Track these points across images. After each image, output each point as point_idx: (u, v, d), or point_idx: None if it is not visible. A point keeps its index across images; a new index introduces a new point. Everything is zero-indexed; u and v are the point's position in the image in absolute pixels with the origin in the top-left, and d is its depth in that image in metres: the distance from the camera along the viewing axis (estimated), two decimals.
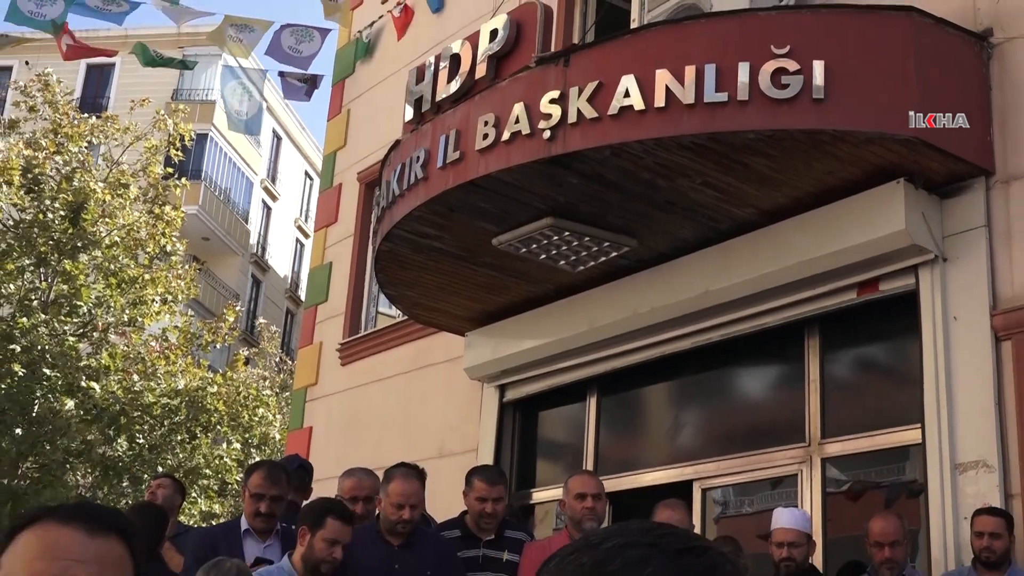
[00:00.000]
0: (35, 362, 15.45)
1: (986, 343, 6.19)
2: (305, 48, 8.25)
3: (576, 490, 5.75)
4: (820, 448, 7.07)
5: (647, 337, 7.86)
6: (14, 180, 16.43)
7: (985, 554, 5.51)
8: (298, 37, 8.18)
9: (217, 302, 27.02)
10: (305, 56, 8.32)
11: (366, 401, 10.51)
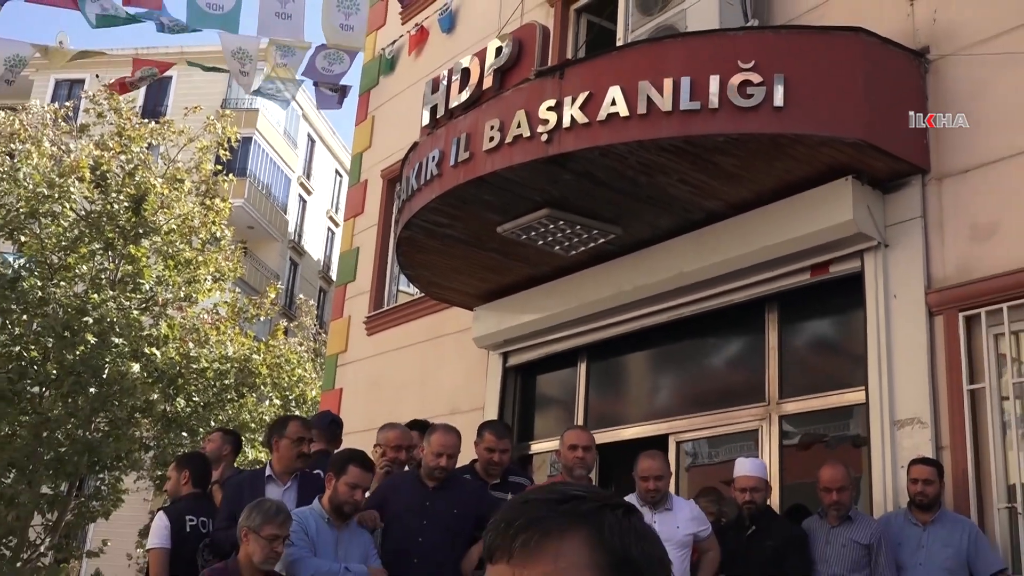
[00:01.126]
0: (105, 332, 15.44)
1: (921, 318, 6.19)
2: (336, 68, 8.22)
3: (569, 442, 5.78)
4: (778, 407, 7.08)
5: (630, 311, 7.86)
6: (85, 176, 16.42)
7: (919, 498, 5.52)
8: (330, 60, 8.14)
9: (260, 281, 27.06)
10: (336, 74, 8.28)
11: (388, 366, 10.52)
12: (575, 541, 1.10)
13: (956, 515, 5.60)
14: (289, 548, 4.80)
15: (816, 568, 5.50)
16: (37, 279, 15.54)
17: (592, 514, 1.12)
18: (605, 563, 1.09)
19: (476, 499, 5.53)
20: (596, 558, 1.09)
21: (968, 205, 6.15)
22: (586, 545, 1.10)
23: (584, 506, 1.12)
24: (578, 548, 1.09)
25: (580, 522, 1.11)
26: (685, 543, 5.62)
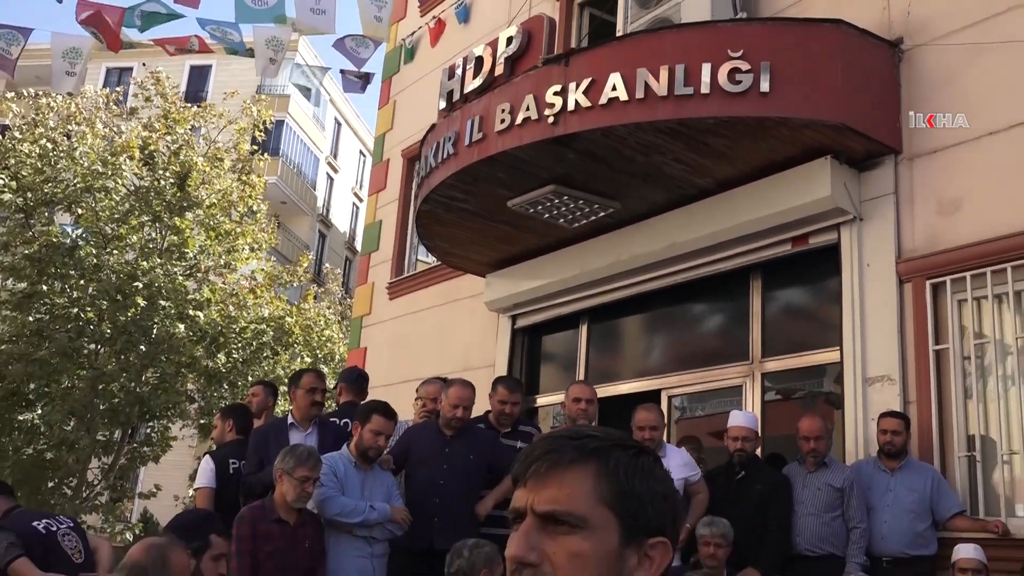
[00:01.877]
0: (153, 296, 15.48)
1: (892, 285, 6.15)
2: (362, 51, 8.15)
3: (573, 395, 5.79)
4: (761, 365, 7.06)
5: (627, 278, 7.84)
6: (135, 155, 16.38)
7: (887, 447, 5.52)
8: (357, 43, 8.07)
9: (292, 251, 27.06)
10: (361, 57, 8.22)
11: (408, 327, 10.52)
12: (581, 472, 1.13)
13: (920, 463, 5.60)
14: (320, 488, 4.83)
15: (796, 510, 5.52)
16: (92, 248, 15.56)
17: (601, 451, 1.15)
18: (608, 493, 1.13)
19: (489, 447, 5.55)
20: (600, 488, 1.13)
21: (936, 183, 6.10)
22: (592, 476, 1.13)
23: (594, 443, 1.16)
24: (584, 477, 1.13)
25: (588, 456, 1.15)
26: (677, 486, 5.64)
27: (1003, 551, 5.09)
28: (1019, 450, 5.52)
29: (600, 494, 1.13)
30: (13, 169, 15.48)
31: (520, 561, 1.11)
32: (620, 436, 1.22)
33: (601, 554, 1.11)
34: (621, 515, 1.13)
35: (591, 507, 1.12)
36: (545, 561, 1.10)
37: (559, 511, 1.11)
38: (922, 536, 5.31)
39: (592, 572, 1.11)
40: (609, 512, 1.13)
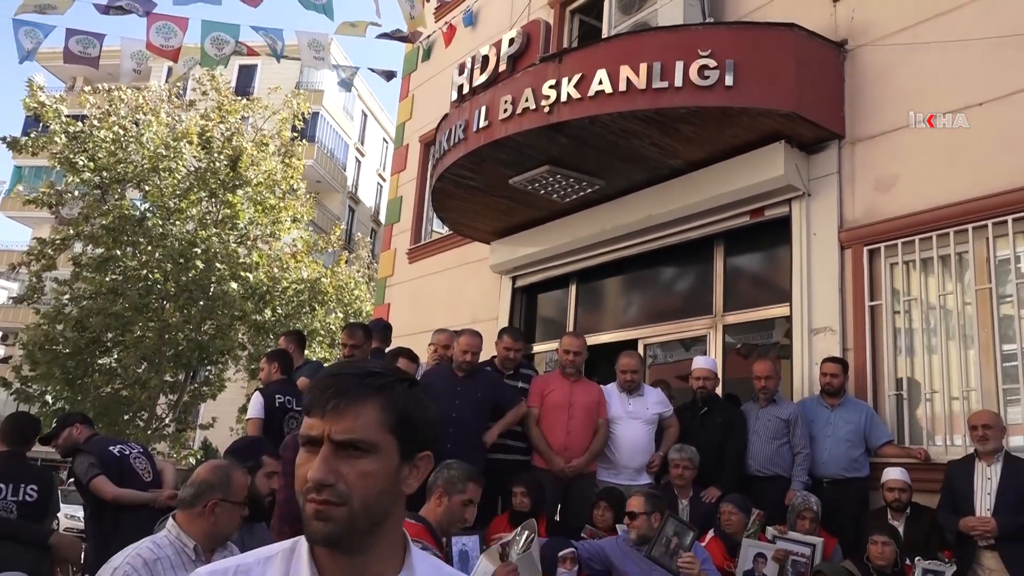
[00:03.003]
0: (210, 260, 15.41)
1: (834, 251, 6.10)
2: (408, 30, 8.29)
3: (564, 347, 5.75)
4: (722, 318, 7.03)
5: (610, 245, 7.78)
6: (193, 140, 16.21)
7: (828, 387, 5.51)
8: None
9: (327, 223, 26.95)
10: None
11: (425, 287, 10.47)
12: (370, 405, 1.15)
13: (856, 400, 5.58)
14: None
15: (750, 438, 5.51)
16: (158, 219, 15.47)
17: (385, 387, 1.17)
18: (391, 421, 1.15)
19: (495, 387, 5.52)
20: (384, 418, 1.15)
21: (873, 164, 6.02)
22: (378, 409, 1.15)
23: (380, 380, 1.17)
24: (372, 410, 1.15)
25: (376, 391, 1.16)
26: (652, 420, 5.64)
27: (924, 473, 5.09)
28: (939, 389, 5.51)
29: (385, 423, 1.15)
30: (91, 152, 15.32)
31: (322, 482, 1.11)
32: (397, 371, 1.24)
33: (386, 471, 1.15)
34: (400, 438, 1.16)
35: (379, 434, 1.14)
36: (340, 481, 1.11)
37: (354, 439, 1.13)
38: (856, 461, 5.31)
39: (379, 486, 1.14)
40: (392, 436, 1.16)
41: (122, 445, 4.72)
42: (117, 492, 4.34)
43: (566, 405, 5.50)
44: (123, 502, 4.32)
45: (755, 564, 4.60)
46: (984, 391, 5.24)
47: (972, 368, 5.33)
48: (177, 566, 2.58)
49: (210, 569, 1.19)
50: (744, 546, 4.66)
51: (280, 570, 1.18)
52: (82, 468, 4.41)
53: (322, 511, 1.11)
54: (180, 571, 2.57)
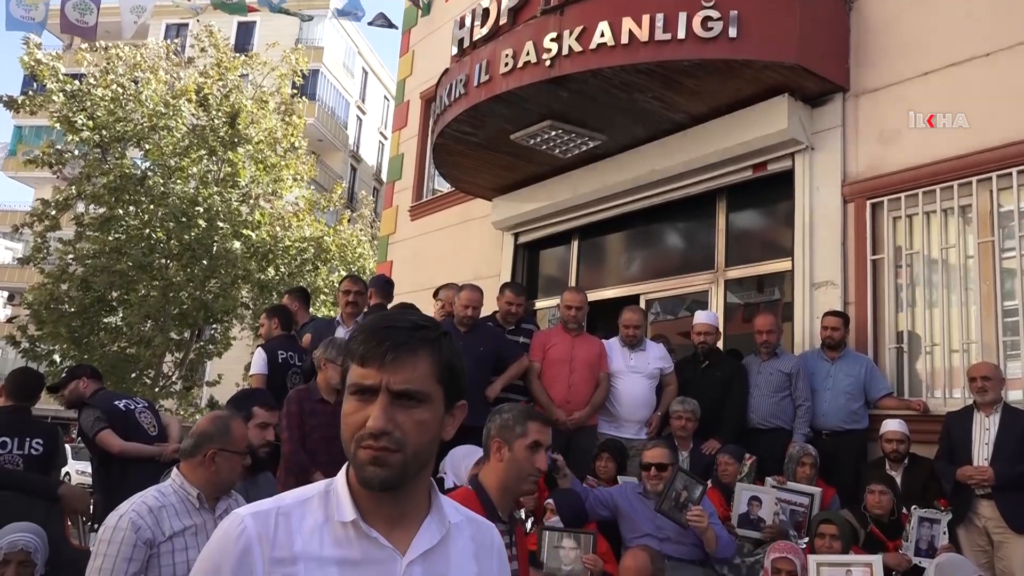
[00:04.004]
0: (213, 218, 15.37)
1: (837, 205, 6.06)
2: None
3: (565, 301, 5.75)
4: (724, 273, 7.02)
5: (612, 201, 7.73)
6: (192, 98, 16.03)
7: (829, 340, 5.52)
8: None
9: (329, 182, 26.80)
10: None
11: (427, 244, 10.44)
12: (424, 357, 1.21)
13: (856, 353, 5.60)
14: None
15: (751, 392, 5.54)
16: (159, 178, 15.39)
17: (435, 339, 1.24)
18: (439, 371, 1.22)
19: (496, 341, 5.54)
20: (435, 368, 1.22)
21: (877, 117, 5.95)
22: (431, 360, 1.22)
23: (431, 333, 1.24)
24: (426, 362, 1.21)
25: (428, 343, 1.23)
26: (654, 375, 5.66)
27: (922, 425, 5.13)
28: (940, 343, 5.52)
29: (436, 374, 1.22)
30: (90, 111, 15.18)
31: (383, 431, 1.17)
32: (439, 324, 1.31)
33: (435, 419, 1.23)
34: (446, 388, 1.24)
35: (431, 384, 1.22)
36: (396, 429, 1.18)
37: (411, 390, 1.19)
38: (855, 413, 5.34)
39: (428, 433, 1.22)
40: (440, 387, 1.23)
41: (127, 400, 4.75)
42: (123, 445, 4.39)
43: (567, 359, 5.53)
44: (129, 455, 4.37)
45: (749, 507, 4.66)
46: (984, 344, 5.24)
47: (973, 321, 5.33)
48: (181, 513, 2.62)
49: (252, 510, 1.22)
50: (738, 490, 4.72)
51: (320, 511, 1.22)
52: (88, 422, 4.45)
53: (379, 457, 1.17)
54: (184, 518, 2.61)
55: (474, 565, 1.31)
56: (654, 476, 4.33)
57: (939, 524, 4.38)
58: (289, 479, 4.44)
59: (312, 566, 1.17)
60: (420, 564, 1.22)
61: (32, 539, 3.24)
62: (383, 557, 1.20)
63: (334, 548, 1.19)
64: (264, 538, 1.17)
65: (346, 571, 1.18)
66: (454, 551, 1.29)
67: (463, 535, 1.32)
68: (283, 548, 1.18)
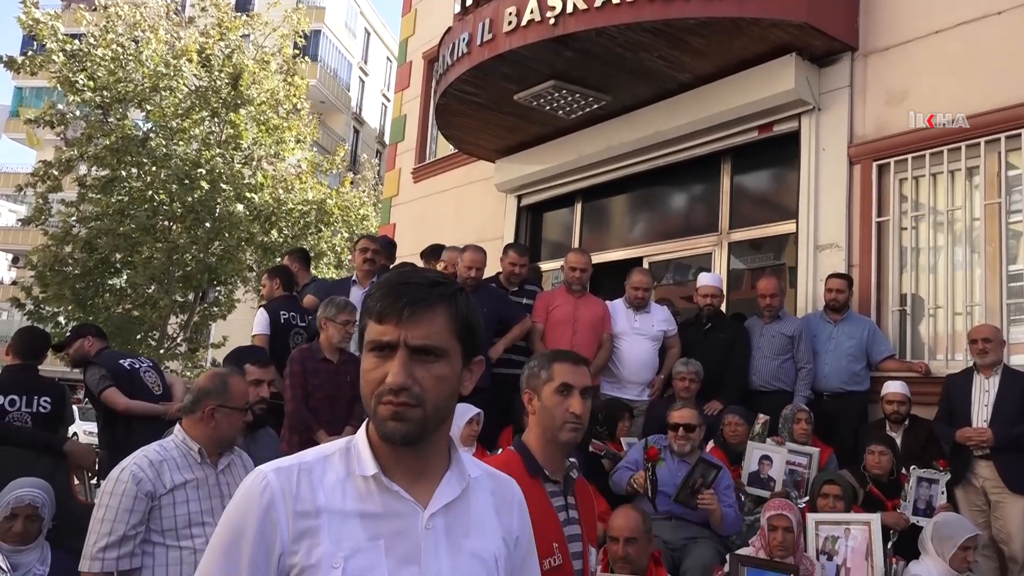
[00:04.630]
0: (215, 181, 15.29)
1: (843, 166, 6.01)
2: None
3: (570, 263, 5.72)
4: (728, 236, 6.99)
5: (616, 163, 7.67)
6: (193, 59, 15.84)
7: (832, 303, 5.51)
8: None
9: (331, 144, 26.63)
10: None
11: (430, 206, 10.40)
12: (441, 313, 1.23)
13: (859, 316, 5.59)
14: None
15: (753, 354, 5.54)
16: (161, 139, 15.30)
17: (452, 295, 1.25)
18: (456, 326, 1.24)
19: (500, 302, 5.53)
20: (452, 323, 1.24)
21: (886, 76, 5.86)
22: (448, 315, 1.23)
23: (448, 289, 1.26)
24: (443, 317, 1.23)
25: (446, 299, 1.24)
26: (658, 337, 5.67)
27: (924, 387, 5.14)
28: (943, 305, 5.51)
29: (453, 329, 1.23)
30: (90, 71, 15.04)
31: (402, 386, 1.18)
32: (454, 280, 1.33)
33: (453, 374, 1.24)
34: (464, 343, 1.26)
35: (448, 340, 1.23)
36: (415, 384, 1.19)
37: (429, 345, 1.20)
38: (857, 375, 5.35)
39: (447, 388, 1.23)
40: (457, 342, 1.24)
41: (132, 359, 4.77)
42: (128, 404, 4.42)
43: (571, 320, 5.52)
44: (134, 413, 4.40)
45: (760, 466, 4.70)
46: (988, 307, 5.23)
47: (977, 283, 5.31)
48: (183, 467, 2.65)
49: (275, 466, 1.23)
50: (749, 448, 4.77)
51: (341, 466, 1.24)
52: (93, 380, 4.48)
53: (400, 412, 1.19)
54: (186, 472, 2.64)
55: (495, 519, 1.32)
56: (681, 437, 4.36)
57: (937, 484, 4.41)
58: (293, 437, 4.49)
59: (335, 519, 1.19)
60: (441, 517, 1.24)
61: (39, 494, 3.28)
62: (405, 510, 1.22)
63: (356, 502, 1.21)
64: (287, 493, 1.19)
65: (368, 524, 1.20)
66: (475, 505, 1.30)
67: (483, 489, 1.33)
68: (306, 502, 1.19)
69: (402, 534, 1.21)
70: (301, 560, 1.17)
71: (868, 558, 3.82)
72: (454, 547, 1.24)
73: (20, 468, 3.65)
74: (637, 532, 3.34)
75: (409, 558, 1.20)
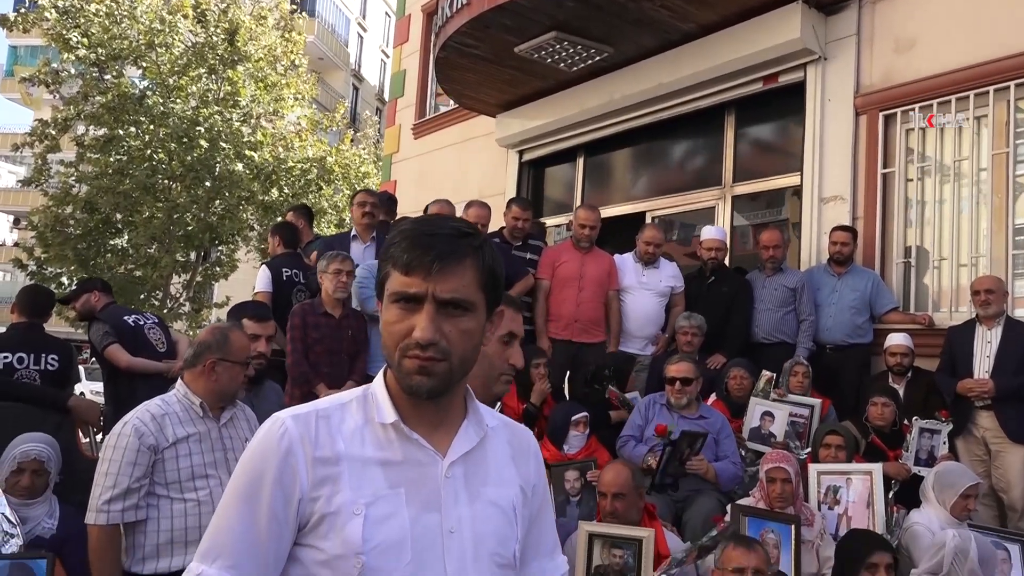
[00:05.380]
0: (214, 139, 15.15)
1: (849, 117, 5.93)
2: None
3: (580, 220, 5.65)
4: (731, 189, 6.92)
5: (618, 116, 7.57)
6: (188, 14, 15.61)
7: (836, 255, 5.48)
8: None
9: (330, 102, 26.38)
10: None
11: (431, 162, 10.31)
12: (470, 266, 1.20)
13: (863, 268, 5.56)
14: (362, 289, 4.84)
15: (755, 307, 5.53)
16: (158, 97, 15.13)
17: (479, 246, 1.23)
18: (483, 280, 1.22)
19: (503, 257, 5.49)
20: (480, 276, 1.21)
21: (894, 24, 5.75)
22: (475, 268, 1.21)
23: (475, 241, 1.22)
24: (471, 270, 1.20)
25: (474, 252, 1.21)
26: (665, 292, 5.66)
27: (927, 339, 5.13)
28: (948, 257, 5.47)
29: (480, 281, 1.21)
30: (84, 28, 14.82)
31: (431, 341, 1.16)
32: (481, 231, 1.32)
33: (479, 327, 1.22)
34: (488, 295, 1.23)
35: (476, 293, 1.21)
36: (443, 339, 1.17)
37: (458, 298, 1.18)
38: (860, 328, 5.34)
39: (472, 342, 1.22)
40: (483, 294, 1.22)
41: (137, 315, 4.77)
42: (131, 360, 4.43)
43: (577, 277, 5.49)
44: (136, 370, 4.42)
45: (761, 421, 4.72)
46: (993, 258, 5.20)
47: (983, 234, 5.27)
48: (184, 421, 2.66)
49: (292, 413, 1.22)
50: (752, 404, 4.79)
51: (359, 414, 1.24)
52: (97, 336, 4.49)
53: (426, 367, 1.17)
54: (188, 426, 2.65)
55: (512, 467, 1.33)
56: (678, 390, 4.38)
57: (939, 435, 4.43)
58: (295, 391, 4.51)
59: (356, 466, 1.18)
60: (460, 465, 1.25)
61: (45, 449, 3.30)
62: (425, 459, 1.22)
63: (376, 449, 1.20)
64: (306, 439, 1.18)
65: (389, 472, 1.19)
66: (492, 454, 1.31)
67: (500, 439, 1.33)
68: (325, 448, 1.18)
69: (422, 482, 1.21)
70: (321, 507, 1.16)
71: (869, 507, 3.85)
72: (473, 494, 1.25)
73: (26, 423, 3.67)
74: (625, 487, 3.37)
75: (429, 505, 1.20)
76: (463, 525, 1.22)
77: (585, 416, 4.43)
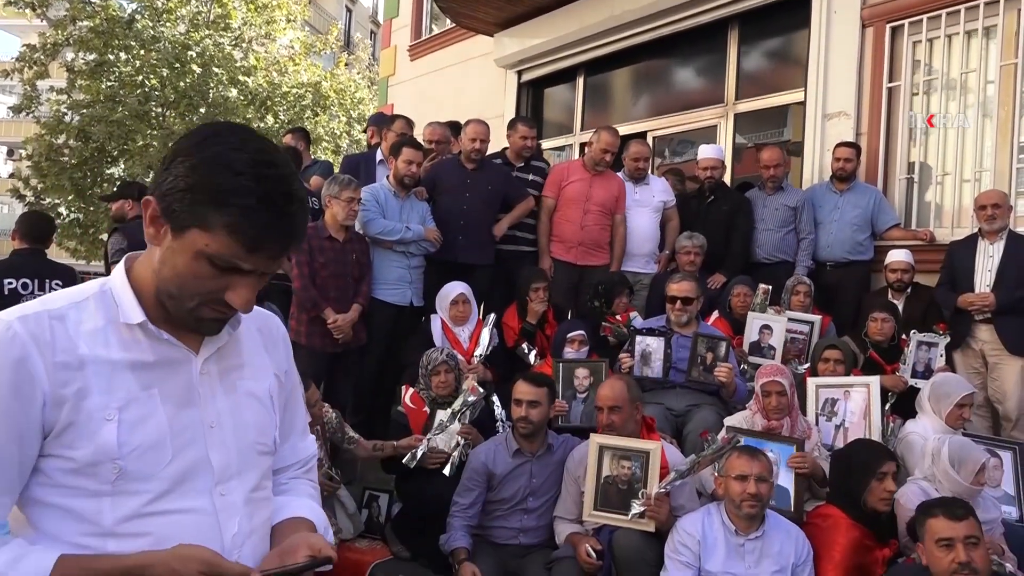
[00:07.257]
0: (207, 64, 14.83)
1: (855, 29, 5.80)
2: None
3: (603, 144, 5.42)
4: (734, 107, 6.83)
5: (618, 33, 7.41)
6: None
7: (840, 172, 5.44)
8: None
9: (323, 24, 25.75)
10: None
11: (429, 85, 10.11)
12: None
13: (865, 185, 5.53)
14: (364, 212, 4.82)
15: (756, 226, 5.52)
16: (148, 20, 14.76)
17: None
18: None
19: (504, 180, 5.45)
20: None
21: None
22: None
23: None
24: None
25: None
26: (658, 208, 5.62)
27: (928, 255, 5.14)
28: (952, 172, 5.44)
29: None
30: None
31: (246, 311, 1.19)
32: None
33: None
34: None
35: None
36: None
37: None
38: (861, 244, 5.35)
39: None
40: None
41: None
42: None
43: (583, 200, 5.39)
44: None
45: (760, 335, 4.78)
46: (997, 172, 5.17)
47: (987, 148, 5.22)
48: None
49: (19, 312, 1.11)
50: (750, 319, 4.83)
51: (99, 314, 1.15)
52: (114, 248, 4.61)
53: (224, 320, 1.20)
54: None
55: (265, 355, 1.33)
56: (679, 309, 4.41)
57: (937, 347, 4.48)
58: (301, 315, 4.54)
59: (102, 369, 1.12)
60: (215, 362, 1.23)
61: None
62: (178, 357, 1.18)
63: (122, 351, 1.14)
64: (42, 341, 1.09)
65: (141, 373, 1.14)
66: (244, 345, 1.30)
67: (250, 328, 1.32)
68: (66, 352, 1.10)
69: (177, 380, 1.18)
70: (68, 415, 1.09)
71: (866, 418, 3.93)
72: (229, 387, 1.24)
73: None
74: (621, 400, 3.43)
75: (186, 403, 1.18)
76: (223, 419, 1.22)
77: (581, 334, 4.49)
